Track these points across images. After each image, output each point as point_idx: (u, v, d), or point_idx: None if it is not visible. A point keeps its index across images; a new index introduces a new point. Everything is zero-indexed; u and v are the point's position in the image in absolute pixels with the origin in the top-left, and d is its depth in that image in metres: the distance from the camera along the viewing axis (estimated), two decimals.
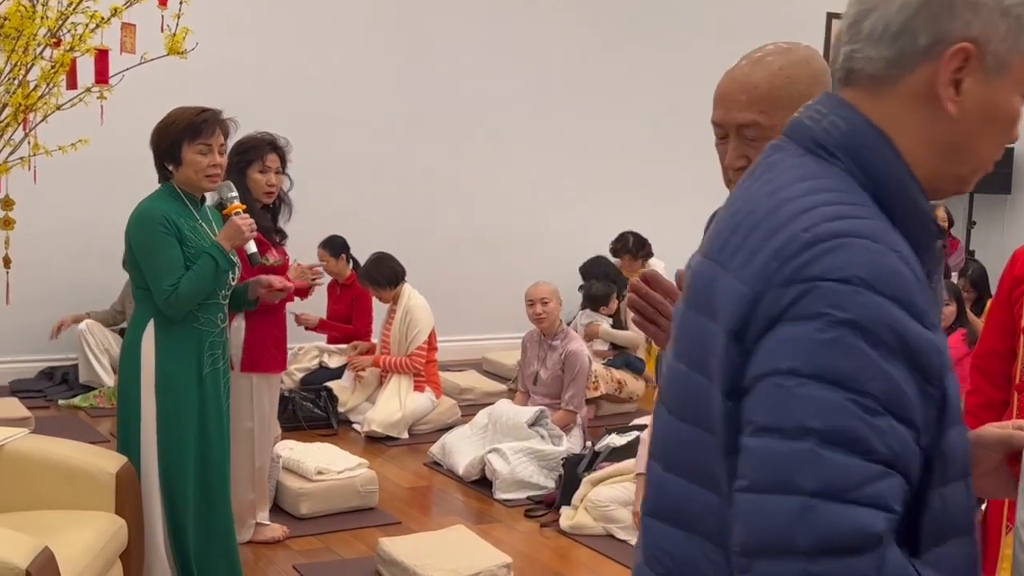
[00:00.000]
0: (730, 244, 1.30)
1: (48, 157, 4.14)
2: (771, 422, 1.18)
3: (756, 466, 1.19)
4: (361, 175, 7.95)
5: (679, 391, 1.37)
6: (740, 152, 1.91)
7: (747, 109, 1.87)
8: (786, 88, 1.86)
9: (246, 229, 3.84)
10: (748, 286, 1.23)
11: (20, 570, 2.69)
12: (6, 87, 3.99)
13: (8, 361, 6.89)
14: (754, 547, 1.17)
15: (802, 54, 1.92)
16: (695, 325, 1.34)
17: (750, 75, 1.89)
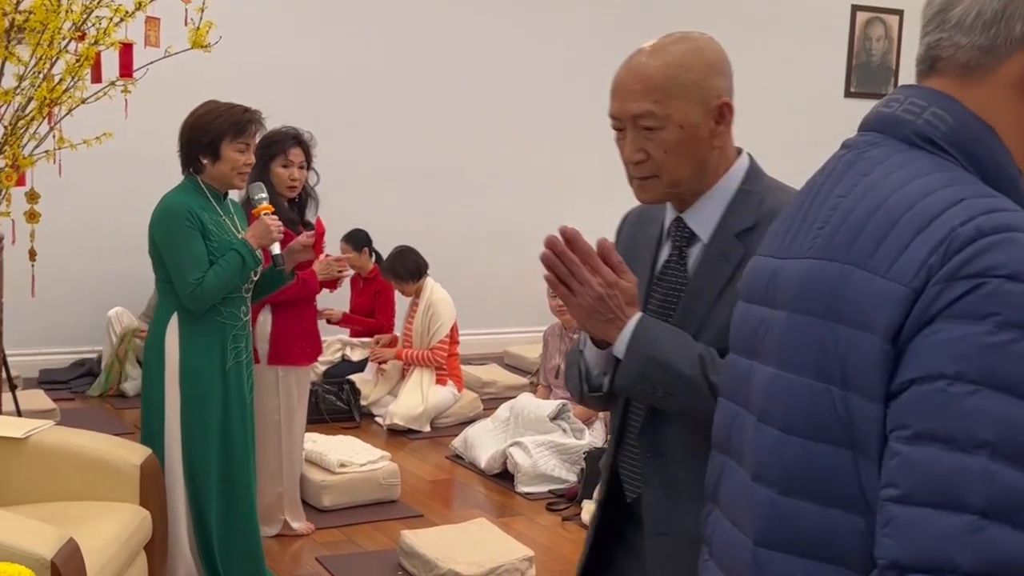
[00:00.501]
0: (861, 242, 1.21)
1: (73, 151, 4.16)
2: (936, 430, 1.11)
3: (916, 476, 1.11)
4: (384, 169, 7.95)
5: (792, 405, 1.27)
6: (637, 145, 1.88)
7: (641, 99, 1.85)
8: (680, 77, 1.85)
9: (275, 230, 3.87)
10: (904, 283, 1.15)
11: (45, 561, 2.70)
12: (31, 81, 4.02)
13: (33, 353, 6.93)
14: (909, 563, 1.10)
15: (698, 43, 1.90)
16: (812, 332, 1.25)
17: (645, 65, 1.87)
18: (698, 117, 1.86)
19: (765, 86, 9.19)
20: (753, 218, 1.89)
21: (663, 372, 1.82)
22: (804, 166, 7.95)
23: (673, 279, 1.95)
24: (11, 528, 2.82)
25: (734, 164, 1.95)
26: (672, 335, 1.85)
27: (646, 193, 1.93)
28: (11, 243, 4.18)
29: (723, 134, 1.91)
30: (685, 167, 1.88)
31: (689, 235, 1.94)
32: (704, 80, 1.87)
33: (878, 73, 9.87)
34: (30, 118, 4.04)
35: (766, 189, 1.93)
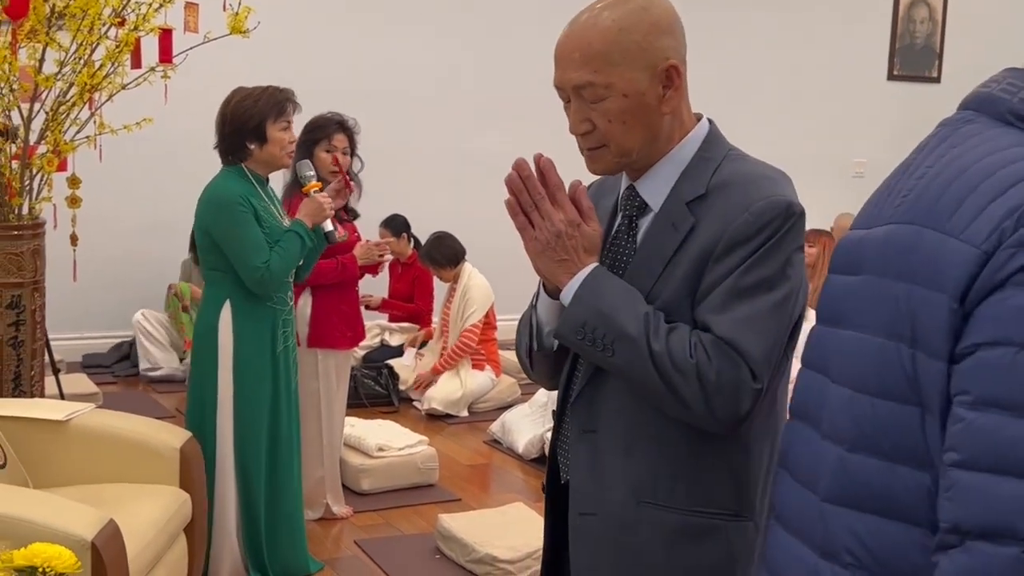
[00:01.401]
0: (940, 206, 1.23)
1: (113, 136, 4.19)
2: (1001, 397, 1.12)
3: (980, 442, 1.12)
4: (422, 155, 7.96)
5: (864, 364, 1.29)
6: (582, 115, 1.78)
7: (581, 68, 1.75)
8: (620, 43, 1.73)
9: (327, 206, 3.92)
10: (976, 245, 1.17)
11: (86, 542, 2.73)
12: (72, 67, 4.05)
13: (75, 337, 7.01)
14: (971, 527, 1.12)
15: (638, 2, 1.76)
16: (886, 292, 1.26)
17: (584, 32, 1.76)
18: (643, 83, 1.74)
19: (808, 69, 9.12)
20: (705, 186, 1.78)
21: (605, 325, 1.73)
22: (848, 149, 7.99)
23: (621, 249, 1.86)
24: (52, 509, 2.85)
25: (692, 131, 1.84)
26: (622, 291, 1.76)
27: (596, 164, 1.84)
28: (53, 228, 4.21)
29: (673, 99, 1.78)
30: (634, 136, 1.77)
31: (640, 204, 1.85)
32: (648, 42, 1.74)
33: (922, 56, 9.75)
34: (71, 104, 4.08)
35: (725, 156, 1.82)
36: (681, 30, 1.81)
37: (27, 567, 1.86)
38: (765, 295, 1.71)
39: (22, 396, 4.01)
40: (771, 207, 1.72)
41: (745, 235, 1.72)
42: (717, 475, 1.79)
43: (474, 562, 4.18)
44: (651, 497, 1.80)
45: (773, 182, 1.78)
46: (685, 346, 1.70)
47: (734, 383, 1.69)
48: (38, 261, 4.08)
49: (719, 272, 1.73)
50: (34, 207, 4.14)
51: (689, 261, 1.75)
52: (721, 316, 1.71)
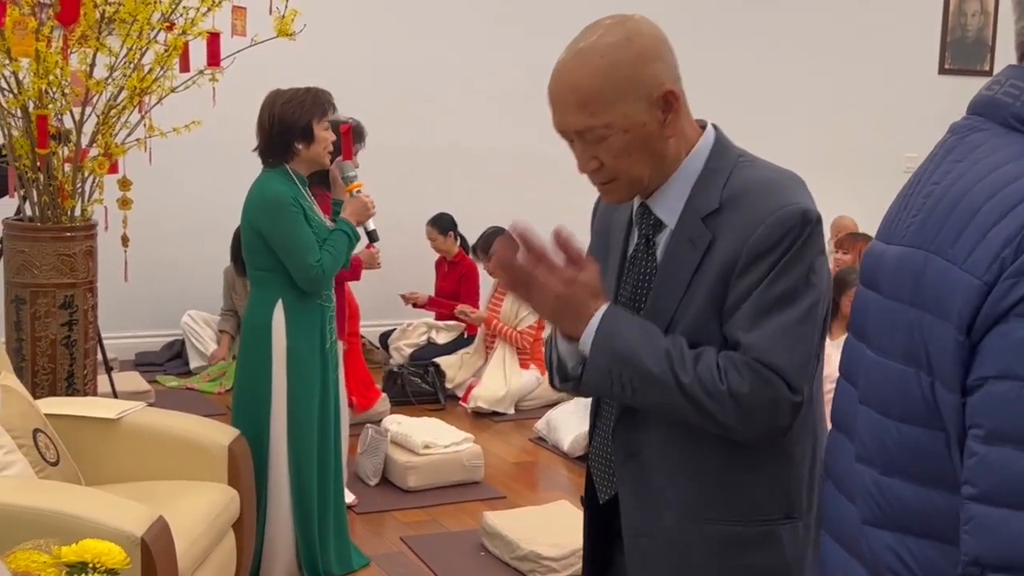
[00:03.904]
0: (945, 231, 1.21)
1: (163, 138, 4.26)
2: (1011, 432, 1.11)
3: (993, 477, 1.12)
4: (471, 154, 7.97)
5: (887, 388, 1.28)
6: (588, 155, 1.78)
7: (578, 113, 1.74)
8: (611, 81, 1.72)
9: (370, 206, 4.01)
10: (977, 276, 1.15)
11: (136, 538, 2.79)
12: (122, 71, 4.12)
13: (128, 336, 7.11)
14: (990, 561, 1.12)
15: (625, 31, 1.75)
16: (901, 317, 1.26)
17: (573, 74, 1.75)
18: (642, 115, 1.74)
19: (859, 63, 9.04)
20: (718, 199, 1.77)
21: (630, 369, 1.74)
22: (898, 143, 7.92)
23: (642, 269, 1.86)
24: (102, 506, 2.91)
25: (697, 143, 1.83)
26: (638, 330, 1.76)
27: (610, 196, 1.85)
28: (104, 229, 4.29)
29: (674, 122, 1.77)
30: (642, 166, 1.78)
31: (655, 222, 1.84)
32: (638, 74, 1.73)
33: (973, 49, 9.63)
34: (121, 107, 4.15)
35: (734, 165, 1.81)
36: (669, 49, 1.79)
37: (77, 563, 1.90)
38: (792, 306, 1.72)
39: (75, 394, 4.09)
40: (788, 217, 1.72)
41: (764, 248, 1.71)
42: (763, 482, 1.81)
43: (518, 559, 4.20)
44: (703, 513, 1.81)
45: (786, 190, 1.77)
46: (714, 372, 1.71)
47: (771, 401, 1.71)
48: (90, 262, 4.16)
49: (743, 287, 1.73)
50: (86, 209, 4.22)
51: (712, 277, 1.75)
52: (751, 334, 1.72)
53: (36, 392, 3.94)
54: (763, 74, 8.73)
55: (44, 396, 3.93)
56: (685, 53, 1.88)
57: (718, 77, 8.54)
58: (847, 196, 8.83)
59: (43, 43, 3.87)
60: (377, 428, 5.27)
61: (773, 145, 9.70)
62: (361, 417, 5.85)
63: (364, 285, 6.25)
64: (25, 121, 4.03)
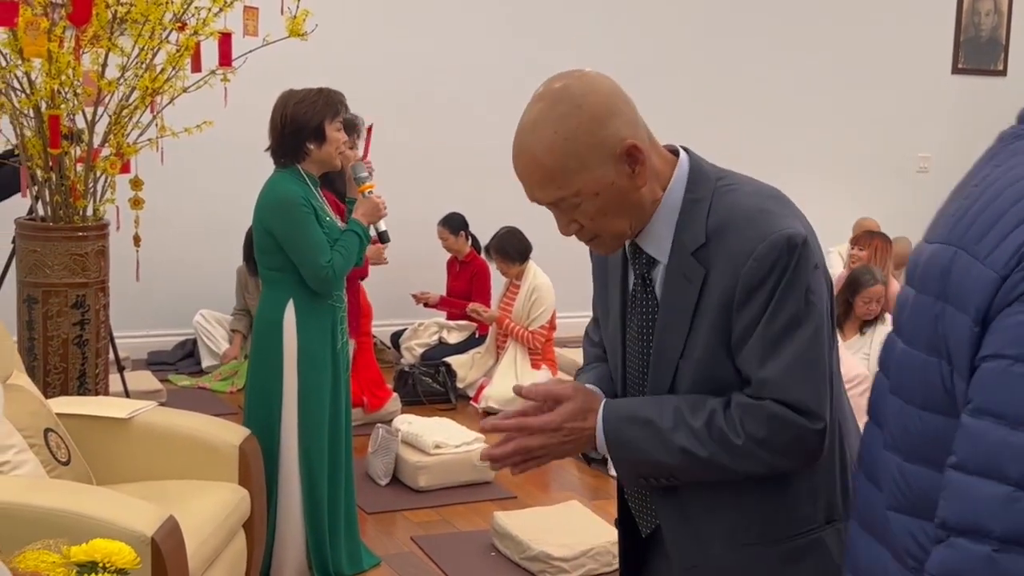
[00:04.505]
0: (974, 229, 1.28)
1: (175, 139, 4.27)
2: (991, 405, 1.20)
3: (969, 446, 1.21)
4: (483, 154, 7.96)
5: (913, 378, 1.35)
6: (566, 220, 1.80)
7: (545, 188, 1.75)
8: (570, 152, 1.71)
9: (382, 207, 4.01)
10: (996, 271, 1.23)
11: (146, 538, 2.79)
12: (134, 71, 4.13)
13: (139, 335, 7.12)
14: (953, 524, 1.21)
15: (572, 96, 1.73)
16: (928, 310, 1.32)
17: (532, 152, 1.74)
18: (610, 175, 1.73)
19: (871, 62, 9.01)
20: (703, 233, 1.77)
21: (651, 467, 1.79)
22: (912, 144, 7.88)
23: (643, 307, 1.87)
24: (113, 505, 2.92)
25: (673, 176, 1.82)
26: (645, 428, 1.78)
27: (601, 250, 1.88)
28: (116, 229, 4.30)
29: (642, 172, 1.76)
30: (620, 221, 1.79)
31: (648, 260, 1.85)
32: (597, 139, 1.72)
33: (987, 48, 9.59)
34: (133, 107, 4.16)
35: (714, 192, 1.80)
36: (624, 100, 1.78)
37: (88, 562, 1.91)
38: (797, 333, 1.72)
39: (87, 394, 4.10)
40: (773, 248, 1.71)
41: (756, 281, 1.72)
42: (801, 494, 1.82)
43: (529, 559, 4.20)
44: (748, 538, 1.83)
45: (768, 215, 1.76)
46: (727, 432, 1.74)
47: (795, 438, 1.73)
48: (102, 261, 4.17)
49: (745, 320, 1.74)
50: (98, 209, 4.23)
51: (713, 312, 1.76)
52: (764, 370, 1.73)
53: (48, 391, 3.95)
54: (775, 75, 8.71)
55: (56, 395, 3.94)
56: (698, 56, 1.88)
57: (730, 79, 8.53)
58: (861, 196, 8.81)
59: (55, 43, 3.88)
60: (388, 428, 5.28)
61: (786, 146, 9.71)
62: (372, 417, 5.86)
63: (376, 285, 6.27)
64: (37, 121, 4.04)
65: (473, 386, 6.63)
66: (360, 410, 5.71)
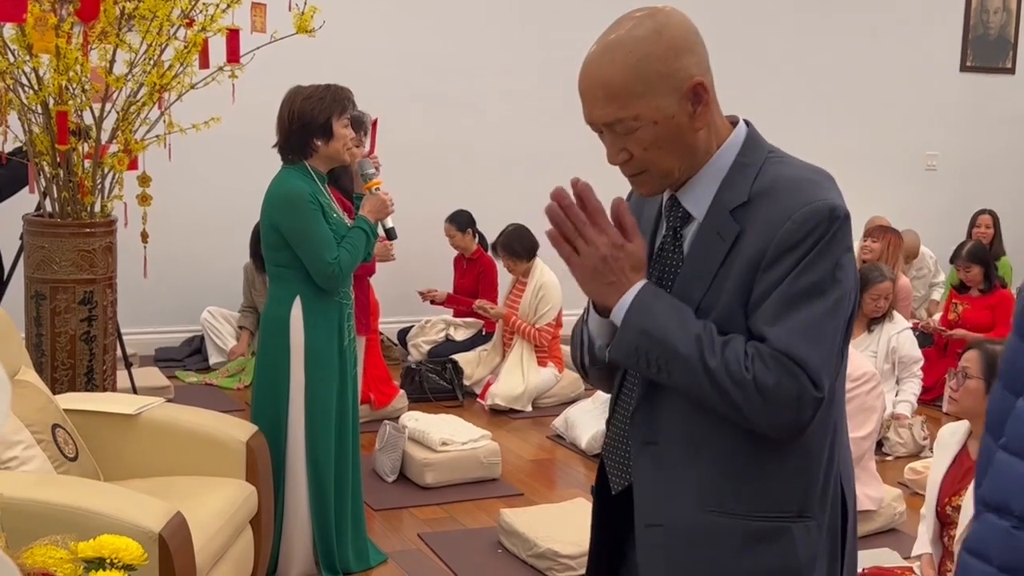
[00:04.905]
0: None
1: (182, 135, 4.27)
2: None
3: (1015, 429, 1.26)
4: (490, 151, 7.97)
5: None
6: (618, 146, 1.79)
7: (606, 107, 1.75)
8: (640, 74, 1.72)
9: (389, 203, 4.00)
10: None
11: (153, 534, 2.80)
12: (142, 67, 4.13)
13: (147, 332, 7.13)
14: (987, 499, 1.27)
15: (656, 22, 1.75)
16: None
17: (602, 67, 1.75)
18: (672, 107, 1.75)
19: (880, 61, 8.99)
20: (747, 192, 1.77)
21: (658, 347, 1.74)
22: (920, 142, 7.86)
23: (668, 261, 1.86)
24: (120, 502, 2.92)
25: (729, 137, 1.83)
26: (672, 309, 1.76)
27: (641, 188, 1.86)
28: (124, 226, 4.30)
29: (704, 114, 1.78)
30: (672, 158, 1.78)
31: (684, 215, 1.84)
32: (669, 67, 1.73)
33: (996, 47, 9.56)
34: (141, 103, 4.16)
35: (765, 160, 1.81)
36: (699, 42, 1.79)
37: (95, 558, 1.91)
38: (817, 301, 1.71)
39: (94, 390, 4.10)
40: (815, 212, 1.72)
41: (791, 243, 1.71)
42: (780, 478, 1.80)
43: (536, 557, 4.20)
44: (717, 506, 1.80)
45: (816, 185, 1.77)
46: (740, 360, 1.71)
47: (794, 394, 1.71)
48: (110, 258, 4.17)
49: (769, 281, 1.73)
50: (106, 205, 4.23)
51: (739, 270, 1.75)
52: (776, 327, 1.72)
53: (55, 387, 3.95)
54: (782, 73, 8.69)
55: (63, 391, 3.94)
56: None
57: (737, 76, 8.51)
58: (869, 193, 8.78)
59: (63, 39, 3.88)
60: (395, 425, 5.28)
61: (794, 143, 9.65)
62: (379, 414, 5.86)
63: (383, 282, 6.27)
64: (45, 117, 4.04)
65: (480, 383, 6.63)
66: (367, 407, 5.71)
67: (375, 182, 4.04)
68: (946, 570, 3.67)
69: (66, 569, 1.85)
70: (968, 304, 6.85)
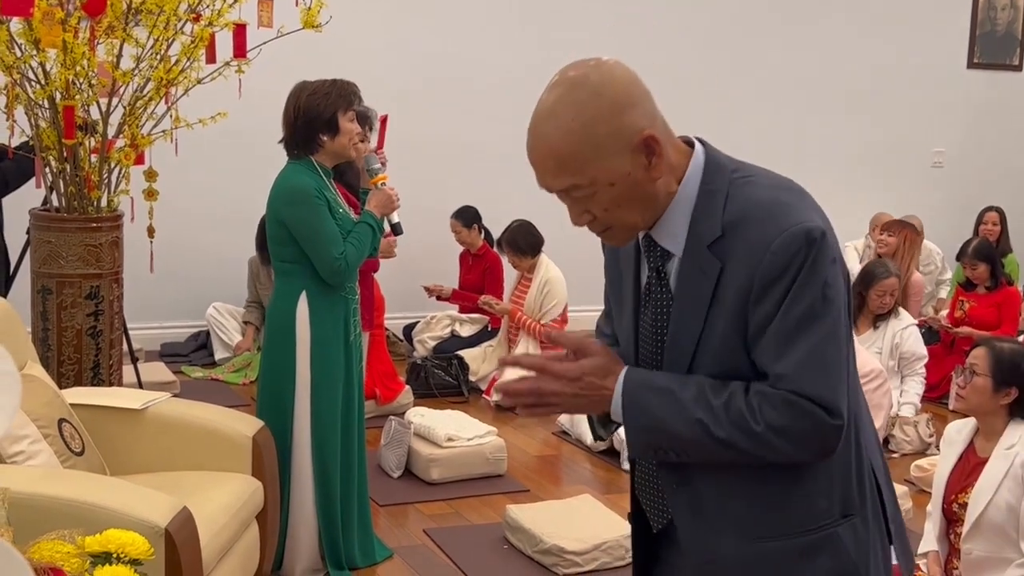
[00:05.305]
0: None
1: (189, 130, 4.26)
2: None
3: None
4: (496, 147, 7.95)
5: None
6: (579, 210, 1.77)
7: (558, 175, 1.73)
8: (587, 140, 1.69)
9: (395, 198, 4.01)
10: None
11: (160, 529, 2.80)
12: (149, 62, 4.13)
13: (153, 327, 7.14)
14: None
15: (591, 83, 1.71)
16: None
17: (547, 138, 1.72)
18: (626, 165, 1.71)
19: (887, 57, 8.96)
20: (719, 226, 1.75)
21: (665, 439, 1.76)
22: (927, 139, 7.85)
23: (658, 300, 1.84)
24: (127, 496, 2.92)
25: (688, 168, 1.79)
26: (662, 395, 1.76)
27: (612, 240, 1.85)
28: (130, 220, 4.30)
29: (658, 164, 1.74)
30: (634, 213, 1.77)
31: (662, 252, 1.82)
32: (615, 126, 1.70)
33: (1003, 43, 9.54)
34: (148, 98, 4.16)
35: (730, 184, 1.77)
36: (642, 91, 1.75)
37: (101, 553, 1.91)
38: (815, 327, 1.71)
39: (100, 384, 4.11)
40: (792, 240, 1.70)
41: (774, 275, 1.70)
42: (817, 488, 1.80)
43: (541, 553, 4.20)
44: (763, 532, 1.80)
45: (787, 208, 1.74)
46: (747, 416, 1.71)
47: (812, 430, 1.72)
48: (116, 253, 4.17)
49: (761, 315, 1.72)
50: (112, 200, 4.24)
51: (729, 305, 1.74)
52: (779, 363, 1.71)
53: (62, 382, 3.95)
54: (789, 69, 8.67)
55: (70, 386, 3.94)
56: (711, 50, 1.86)
57: (743, 73, 8.50)
58: (876, 190, 8.77)
59: (70, 34, 3.88)
60: (400, 420, 5.28)
61: (801, 141, 9.67)
62: (385, 409, 5.86)
63: (388, 277, 6.26)
64: (52, 112, 4.05)
65: (485, 379, 6.63)
66: (373, 402, 5.71)
67: (381, 177, 4.04)
68: (952, 567, 3.67)
69: (73, 564, 1.85)
70: (974, 301, 6.84)
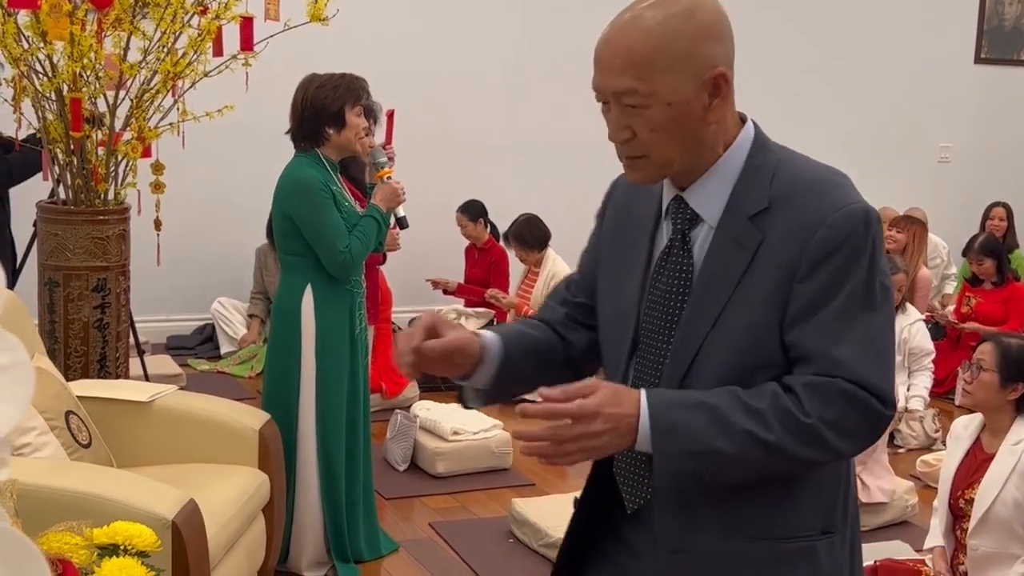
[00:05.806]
0: None
1: (196, 123, 4.26)
2: None
3: None
4: (502, 141, 7.95)
5: None
6: (622, 123, 1.68)
7: (622, 75, 1.64)
8: (665, 48, 1.62)
9: (401, 192, 4.00)
10: None
11: (167, 521, 2.80)
12: (156, 55, 4.12)
13: (159, 320, 7.15)
14: None
15: (685, 4, 1.65)
16: None
17: (627, 35, 1.64)
18: (689, 92, 1.64)
19: (894, 51, 8.95)
20: (766, 198, 1.67)
21: (707, 460, 1.63)
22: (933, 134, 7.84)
23: (676, 267, 1.74)
24: (134, 489, 2.93)
25: (737, 137, 1.73)
26: (699, 411, 1.62)
27: (636, 173, 1.73)
28: (137, 213, 4.30)
29: (719, 108, 1.67)
30: (676, 146, 1.67)
31: (692, 216, 1.73)
32: (695, 49, 1.63)
33: (1010, 38, 9.51)
34: (155, 91, 4.16)
35: (777, 163, 1.71)
36: (730, 34, 1.70)
37: (109, 545, 1.91)
38: (870, 313, 1.65)
39: (107, 377, 4.11)
40: (850, 218, 1.64)
41: (828, 250, 1.63)
42: (805, 497, 1.75)
43: (547, 546, 4.20)
44: (741, 531, 1.73)
45: (841, 188, 1.69)
46: (794, 410, 1.62)
47: (865, 421, 1.65)
48: (123, 245, 4.17)
49: (809, 292, 1.64)
50: (119, 193, 4.23)
51: (767, 280, 1.66)
52: (837, 351, 1.64)
53: (69, 374, 3.96)
54: (796, 63, 8.66)
55: (76, 378, 3.95)
56: None
57: (749, 67, 8.47)
58: (882, 185, 8.74)
59: (77, 26, 3.88)
60: (406, 414, 5.28)
61: (807, 134, 9.65)
62: (391, 403, 5.87)
63: (394, 271, 6.27)
64: (59, 104, 4.05)
65: None
66: (379, 396, 5.71)
67: (387, 171, 4.04)
68: (958, 563, 3.66)
69: (80, 555, 1.86)
70: (981, 297, 6.83)
